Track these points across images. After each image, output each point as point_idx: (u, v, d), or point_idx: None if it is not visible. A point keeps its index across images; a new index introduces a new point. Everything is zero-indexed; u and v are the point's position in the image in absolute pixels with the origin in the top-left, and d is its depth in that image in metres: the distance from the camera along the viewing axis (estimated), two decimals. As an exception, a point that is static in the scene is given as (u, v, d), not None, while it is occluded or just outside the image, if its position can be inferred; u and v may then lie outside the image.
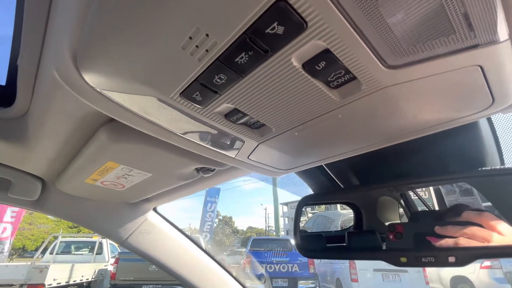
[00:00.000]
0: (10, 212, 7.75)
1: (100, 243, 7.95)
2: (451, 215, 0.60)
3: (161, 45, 0.25)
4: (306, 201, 0.76)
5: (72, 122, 0.48)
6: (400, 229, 0.59)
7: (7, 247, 7.77)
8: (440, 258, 0.50)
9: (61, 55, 0.31)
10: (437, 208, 0.76)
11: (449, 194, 0.74)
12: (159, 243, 1.02)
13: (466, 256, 0.49)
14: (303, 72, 0.27)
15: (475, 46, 0.24)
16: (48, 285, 5.20)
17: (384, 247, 0.65)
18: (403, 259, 0.53)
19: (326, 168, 0.68)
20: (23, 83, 0.48)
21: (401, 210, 0.85)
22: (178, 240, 1.06)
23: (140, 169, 0.60)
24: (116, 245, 8.75)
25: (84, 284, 6.50)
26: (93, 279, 6.77)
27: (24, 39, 0.41)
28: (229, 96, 0.31)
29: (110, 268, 6.87)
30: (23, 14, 0.39)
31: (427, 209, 0.77)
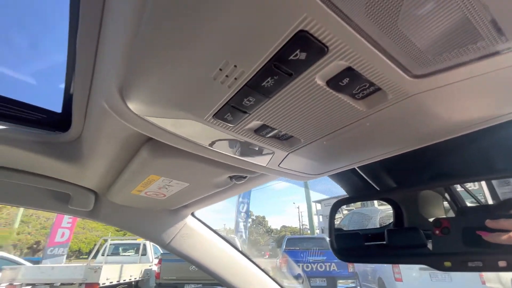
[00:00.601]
0: (67, 218, 8.67)
1: (144, 245, 8.51)
2: (505, 208, 0.55)
3: (195, 76, 0.28)
4: (340, 205, 0.74)
5: (119, 142, 0.54)
6: (446, 224, 0.55)
7: (66, 249, 8.70)
8: (489, 262, 0.46)
9: (109, 88, 0.35)
10: (490, 201, 0.70)
11: (502, 186, 0.68)
12: (199, 245, 1.08)
13: None
14: (328, 88, 0.28)
15: (509, 49, 0.23)
16: (102, 284, 5.69)
17: (429, 245, 0.61)
18: (447, 264, 0.50)
19: (359, 171, 0.67)
20: (77, 111, 0.54)
21: (446, 204, 0.80)
22: (215, 242, 1.11)
23: (179, 180, 0.65)
24: (158, 246, 9.28)
25: (133, 283, 7.00)
26: (140, 279, 7.26)
27: (77, 72, 0.47)
28: (258, 114, 0.33)
29: (154, 268, 7.33)
30: (75, 51, 0.44)
31: (476, 204, 0.71)
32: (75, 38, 0.42)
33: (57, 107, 0.64)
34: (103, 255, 8.17)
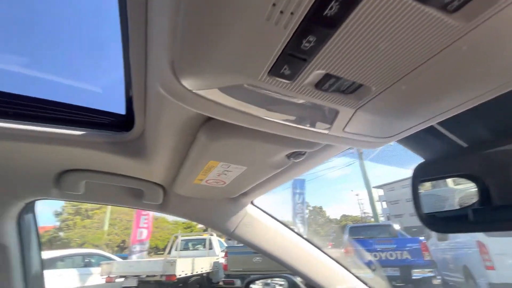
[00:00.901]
0: (143, 219, 9.90)
1: (210, 240, 9.14)
2: None
3: (246, 22, 0.25)
4: (422, 170, 0.64)
5: (177, 131, 0.56)
6: None
7: (146, 246, 9.95)
8: None
9: (162, 70, 0.35)
10: None
11: None
12: (262, 233, 1.09)
13: None
14: (410, 1, 0.22)
15: None
16: (179, 275, 6.33)
17: None
18: None
19: (438, 128, 0.56)
20: (137, 109, 0.58)
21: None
22: (279, 230, 1.10)
23: (236, 164, 0.65)
24: (222, 240, 9.92)
25: (204, 274, 7.59)
26: (210, 271, 7.83)
27: (132, 70, 0.49)
28: (319, 60, 0.29)
29: (222, 260, 7.84)
30: (128, 52, 0.46)
31: None
32: (127, 35, 0.44)
33: (121, 109, 0.70)
34: (176, 250, 9.06)
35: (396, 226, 7.64)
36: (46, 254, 6.70)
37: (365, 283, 1.13)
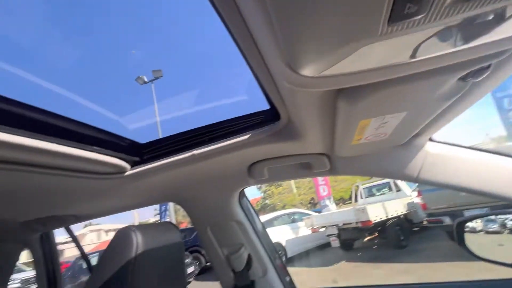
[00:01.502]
0: (320, 179, 10.97)
1: (395, 182, 8.62)
2: None
3: None
4: None
5: (316, 108, 0.57)
6: None
7: (331, 200, 11.03)
8: None
9: (282, 69, 0.38)
10: None
11: None
12: (456, 168, 0.89)
13: None
14: None
15: None
16: (374, 220, 6.51)
17: None
18: None
19: None
20: (277, 102, 0.64)
21: None
22: (478, 158, 0.86)
23: (392, 113, 0.57)
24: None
25: (401, 216, 7.30)
26: (407, 212, 7.43)
27: (259, 75, 0.55)
28: None
29: (416, 200, 7.21)
30: (251, 65, 0.52)
31: None
32: (242, 52, 0.50)
33: (265, 105, 0.81)
34: (361, 198, 9.29)
35: None
36: (263, 218, 8.96)
37: None
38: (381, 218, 6.73)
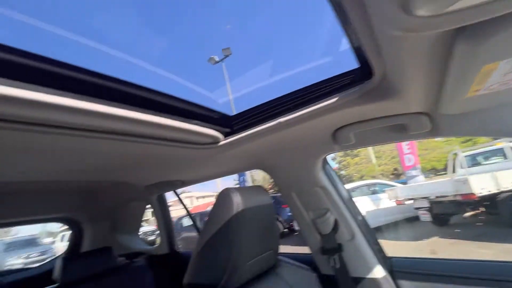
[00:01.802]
0: (405, 147, 9.75)
1: (510, 148, 6.94)
2: None
3: None
4: None
5: (425, 57, 0.50)
6: None
7: (418, 170, 9.75)
8: None
9: (390, 13, 0.34)
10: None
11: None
12: None
13: None
14: None
15: None
16: (479, 193, 5.46)
17: None
18: None
19: None
20: (372, 57, 0.59)
21: None
22: None
23: None
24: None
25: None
26: (528, 184, 5.94)
27: (355, 26, 0.51)
28: None
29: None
30: (347, 15, 0.48)
31: None
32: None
33: (353, 65, 0.75)
34: (462, 168, 7.88)
35: None
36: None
37: None
38: (489, 191, 5.60)
